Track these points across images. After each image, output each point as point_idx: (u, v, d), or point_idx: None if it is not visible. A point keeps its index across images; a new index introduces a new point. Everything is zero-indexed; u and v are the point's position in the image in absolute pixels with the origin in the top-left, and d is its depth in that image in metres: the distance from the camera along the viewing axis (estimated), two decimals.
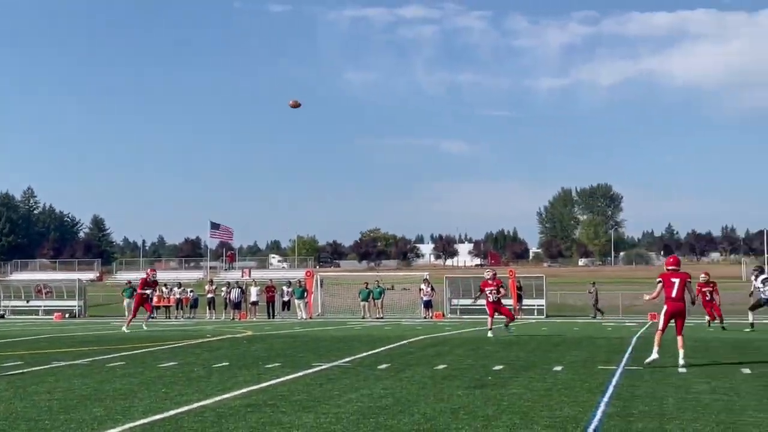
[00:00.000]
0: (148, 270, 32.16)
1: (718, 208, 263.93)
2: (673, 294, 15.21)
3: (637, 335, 23.28)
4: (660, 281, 15.53)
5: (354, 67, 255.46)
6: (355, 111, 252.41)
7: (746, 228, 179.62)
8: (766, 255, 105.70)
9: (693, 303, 16.15)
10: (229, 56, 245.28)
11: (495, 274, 25.78)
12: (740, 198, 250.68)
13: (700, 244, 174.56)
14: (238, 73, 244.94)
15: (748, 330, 26.34)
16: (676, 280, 15.30)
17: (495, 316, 24.86)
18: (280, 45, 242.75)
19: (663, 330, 15.19)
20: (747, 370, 13.89)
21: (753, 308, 27.36)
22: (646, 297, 16.10)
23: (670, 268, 15.70)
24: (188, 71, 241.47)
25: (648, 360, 14.71)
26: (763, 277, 26.55)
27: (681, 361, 14.68)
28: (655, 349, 14.92)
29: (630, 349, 18.83)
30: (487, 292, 25.08)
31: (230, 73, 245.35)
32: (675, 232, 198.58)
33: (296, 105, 25.63)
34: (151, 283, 30.16)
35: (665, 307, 15.36)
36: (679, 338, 15.11)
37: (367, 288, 44.17)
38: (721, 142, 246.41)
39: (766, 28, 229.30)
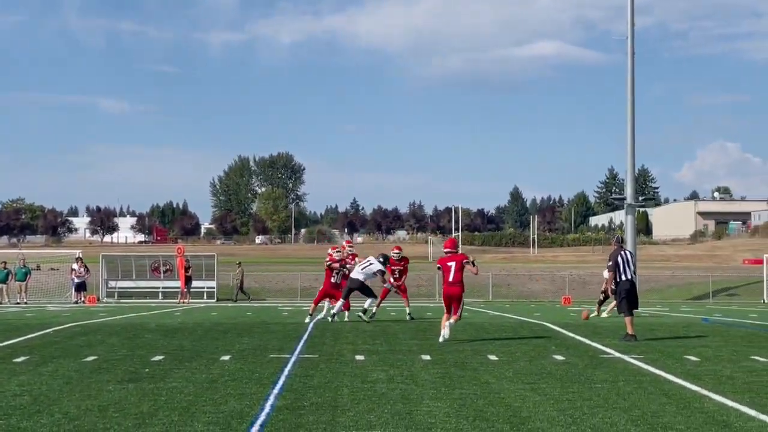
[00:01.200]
0: None
1: (405, 183, 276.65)
2: (450, 278, 16.98)
3: (315, 320, 23.95)
4: (439, 267, 17.43)
5: None
6: None
7: (434, 205, 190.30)
8: (453, 234, 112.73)
9: (476, 273, 17.84)
10: None
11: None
12: (428, 173, 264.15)
13: (386, 222, 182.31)
14: None
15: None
16: (452, 264, 17.04)
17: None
18: None
19: (448, 313, 17.06)
20: (427, 357, 14.69)
21: None
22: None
23: (446, 251, 17.56)
24: None
25: (444, 340, 16.73)
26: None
27: (446, 333, 16.83)
28: (442, 332, 16.87)
29: (306, 335, 19.33)
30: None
31: None
32: (360, 207, 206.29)
33: (587, 317, 26.06)
34: None
35: (443, 291, 17.37)
36: (452, 318, 17.06)
37: (5, 268, 42.54)
38: (407, 111, 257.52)
39: None
